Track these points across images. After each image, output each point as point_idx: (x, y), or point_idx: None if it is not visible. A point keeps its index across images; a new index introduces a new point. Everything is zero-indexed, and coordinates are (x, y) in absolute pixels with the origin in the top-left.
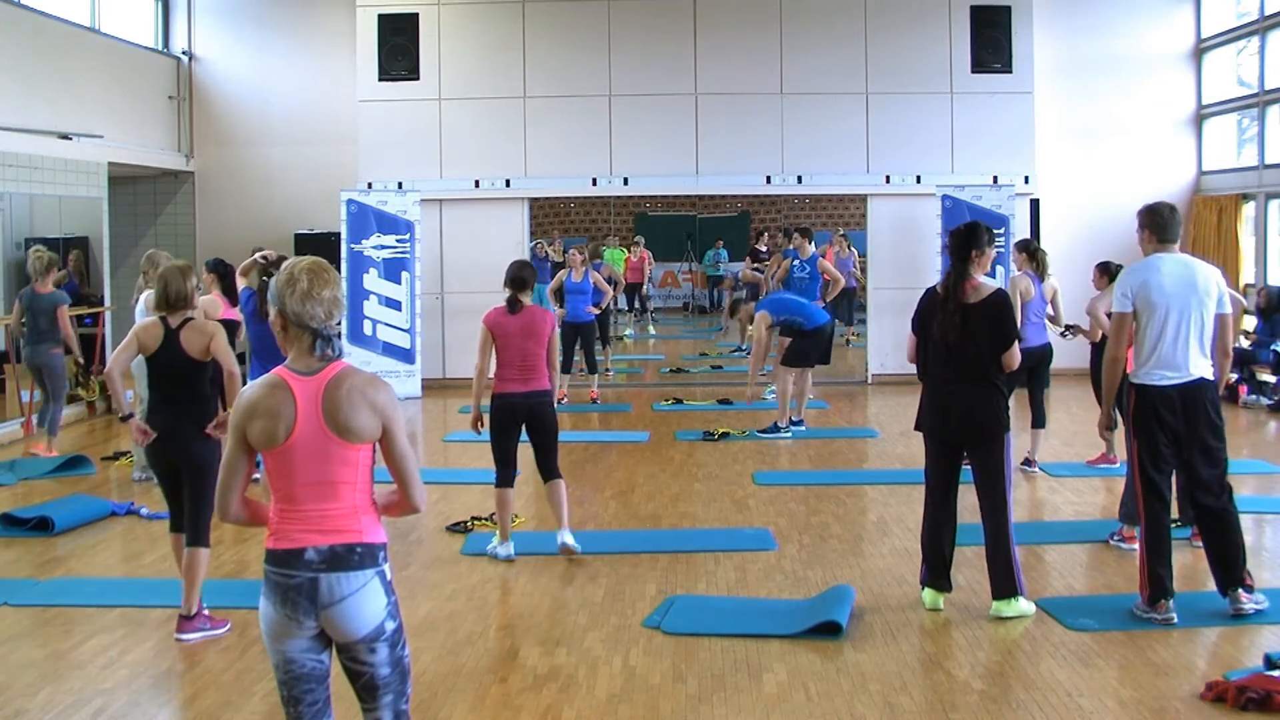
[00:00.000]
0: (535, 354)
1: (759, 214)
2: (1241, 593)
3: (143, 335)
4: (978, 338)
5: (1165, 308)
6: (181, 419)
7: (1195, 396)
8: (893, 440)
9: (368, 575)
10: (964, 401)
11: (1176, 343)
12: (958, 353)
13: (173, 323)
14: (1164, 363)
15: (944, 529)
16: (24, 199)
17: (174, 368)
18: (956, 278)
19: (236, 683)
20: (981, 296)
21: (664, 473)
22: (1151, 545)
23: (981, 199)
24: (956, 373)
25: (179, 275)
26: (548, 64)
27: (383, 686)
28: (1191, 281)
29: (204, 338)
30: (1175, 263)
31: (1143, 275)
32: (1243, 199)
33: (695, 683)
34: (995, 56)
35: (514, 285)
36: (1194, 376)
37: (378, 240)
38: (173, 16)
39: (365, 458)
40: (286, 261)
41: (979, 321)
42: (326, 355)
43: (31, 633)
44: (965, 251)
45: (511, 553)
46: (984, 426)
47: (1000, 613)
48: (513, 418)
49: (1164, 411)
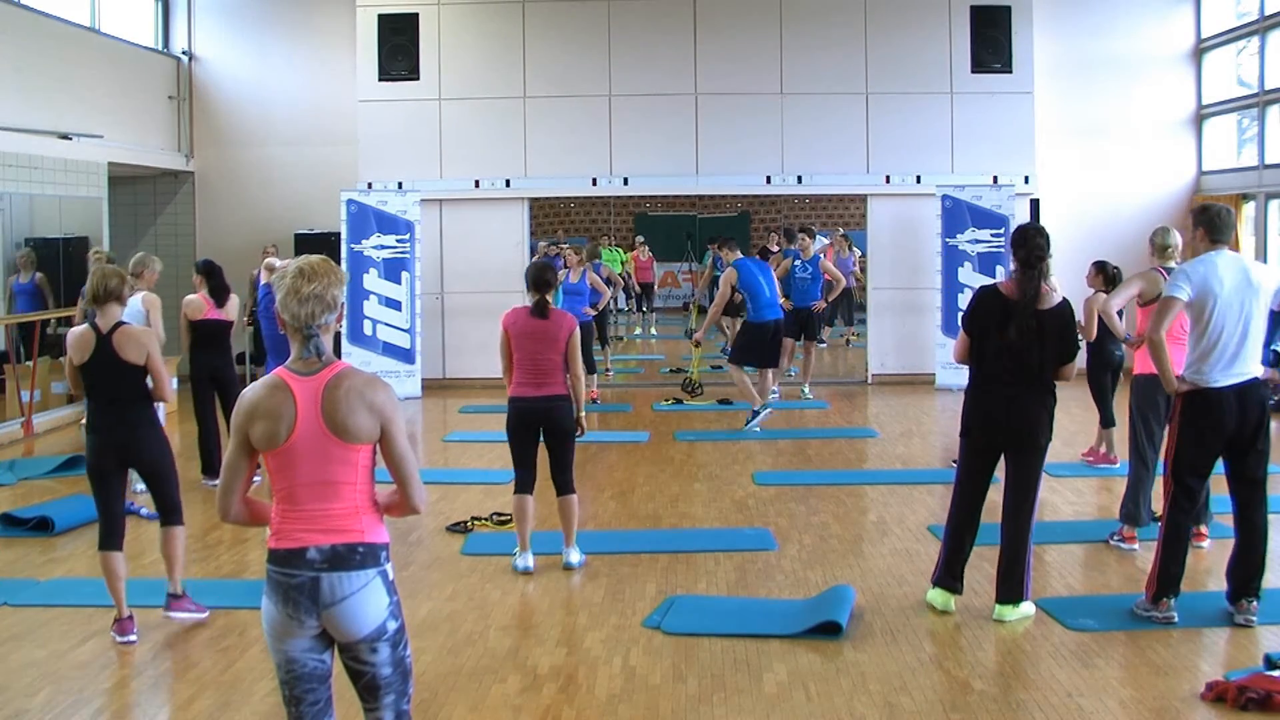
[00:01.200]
0: (550, 358)
1: (759, 214)
2: (1255, 604)
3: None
4: (1045, 344)
5: (1226, 305)
6: (125, 419)
7: (1253, 397)
8: (893, 440)
9: (369, 575)
10: (1021, 406)
11: (1234, 342)
12: (1024, 357)
13: (104, 327)
14: (1223, 362)
15: (968, 531)
16: (24, 199)
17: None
18: (1035, 283)
19: (236, 683)
20: (1053, 303)
21: (664, 473)
22: (1169, 544)
23: (981, 199)
24: (1018, 376)
25: (115, 275)
26: (548, 64)
27: (384, 687)
28: (1248, 280)
29: (139, 347)
30: (1232, 260)
31: (1204, 270)
32: (1243, 199)
33: (695, 683)
34: (995, 56)
35: (537, 288)
36: (1250, 376)
37: (378, 240)
38: (173, 16)
39: (366, 458)
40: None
41: (1049, 328)
42: (315, 356)
43: (31, 633)
44: (1041, 255)
45: (530, 564)
46: (1036, 432)
47: (1004, 617)
48: (529, 422)
49: (1220, 413)
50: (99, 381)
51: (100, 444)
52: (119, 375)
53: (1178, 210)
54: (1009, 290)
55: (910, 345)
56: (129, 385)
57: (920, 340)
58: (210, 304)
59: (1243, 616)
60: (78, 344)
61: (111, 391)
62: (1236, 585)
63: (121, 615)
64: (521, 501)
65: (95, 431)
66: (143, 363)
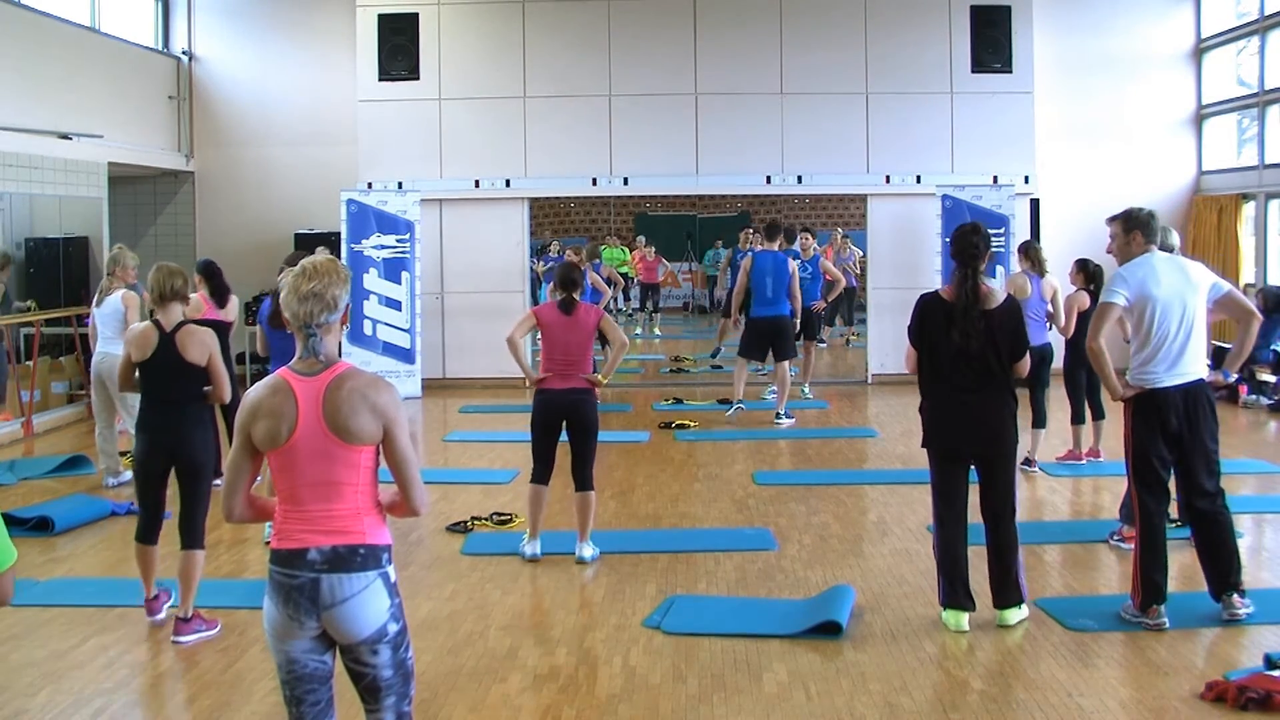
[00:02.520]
0: (579, 350)
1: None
2: (1236, 598)
3: (138, 342)
4: (997, 345)
5: (1166, 306)
6: (179, 419)
7: (1197, 397)
8: (893, 440)
9: (370, 577)
10: (981, 411)
11: (1177, 343)
12: (976, 361)
13: (166, 326)
14: (1168, 363)
15: (961, 545)
16: (24, 199)
17: (168, 371)
18: (974, 283)
19: (236, 683)
20: (997, 302)
21: (664, 473)
22: (1147, 550)
23: (981, 199)
24: (973, 381)
25: (179, 275)
26: (548, 64)
27: (385, 688)
28: (1186, 280)
29: (203, 348)
30: (1169, 261)
31: (1142, 273)
32: (1243, 199)
33: (695, 683)
34: (995, 56)
35: (564, 287)
36: (1195, 377)
37: (378, 240)
38: (173, 16)
39: (368, 459)
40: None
41: (998, 328)
42: (313, 355)
43: (31, 633)
44: (979, 253)
45: (538, 551)
46: (1001, 436)
47: (1006, 621)
48: (552, 414)
49: (1167, 413)
50: (156, 380)
51: (150, 443)
52: (179, 374)
53: (1178, 210)
54: (948, 294)
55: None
56: (186, 385)
57: None
58: (210, 304)
59: (1227, 612)
60: (139, 341)
61: (167, 391)
62: (1216, 580)
63: (149, 595)
64: (536, 491)
65: (146, 430)
66: (204, 363)
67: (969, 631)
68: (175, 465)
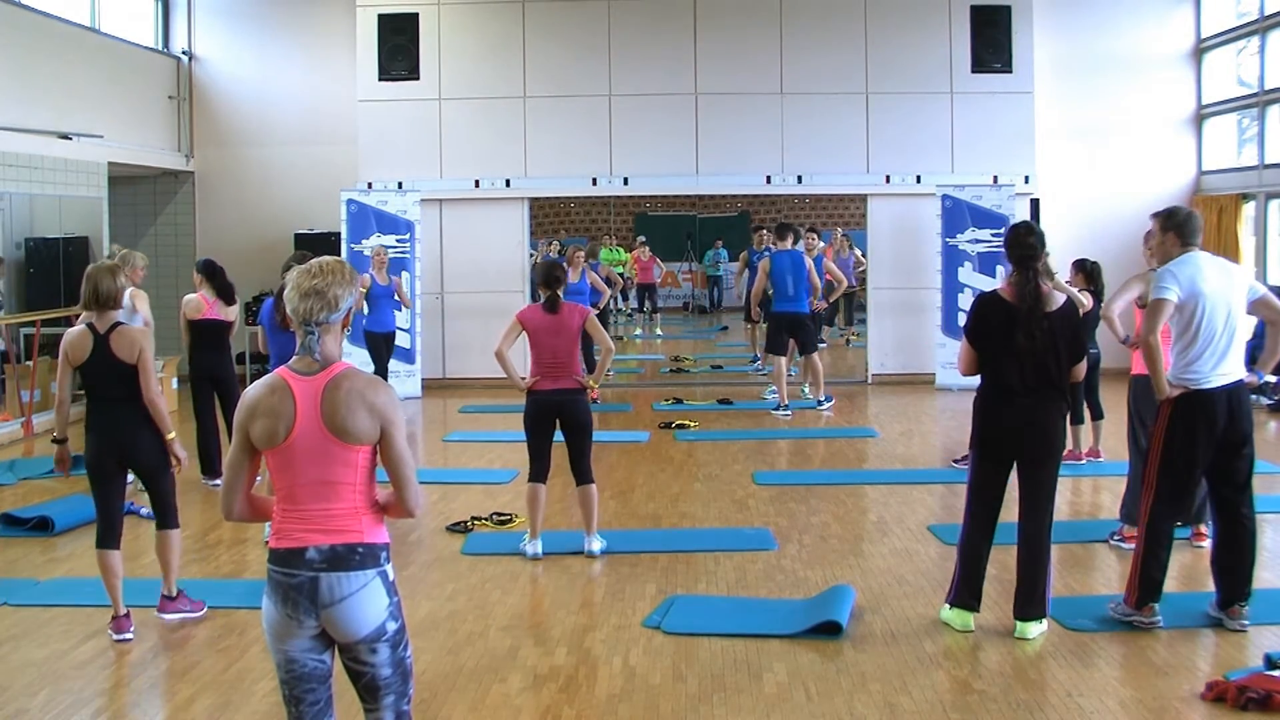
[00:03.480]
0: (566, 351)
1: (759, 214)
2: (1245, 608)
3: (70, 349)
4: (1057, 348)
5: (1213, 305)
6: (128, 422)
7: (1240, 398)
8: (893, 440)
9: (368, 576)
10: (1041, 418)
11: (1222, 342)
12: (1037, 364)
13: (100, 328)
14: (1214, 362)
15: (986, 548)
16: (24, 199)
17: (108, 373)
18: (1036, 284)
19: (236, 683)
20: (1057, 304)
21: (664, 473)
22: (1151, 548)
23: (981, 199)
24: (1033, 385)
25: (108, 275)
26: (548, 64)
27: (384, 687)
28: (1230, 279)
29: (133, 346)
30: (1214, 261)
31: (1190, 270)
32: (1243, 199)
33: (695, 683)
34: (995, 56)
35: (547, 284)
36: (1237, 377)
37: (378, 240)
38: (173, 16)
39: (366, 459)
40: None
41: (1059, 331)
42: (310, 355)
43: (31, 633)
44: (1034, 254)
45: (539, 551)
46: (1053, 440)
47: (1025, 634)
48: (545, 415)
49: (1214, 414)
50: (96, 381)
51: (98, 444)
52: (115, 375)
53: None
54: (1009, 295)
55: (910, 345)
56: (125, 385)
57: (920, 340)
58: (209, 304)
59: (1237, 622)
60: (75, 344)
61: (108, 391)
62: (1228, 590)
63: (118, 613)
64: (534, 490)
65: (92, 431)
66: (134, 362)
67: (974, 632)
68: (132, 468)
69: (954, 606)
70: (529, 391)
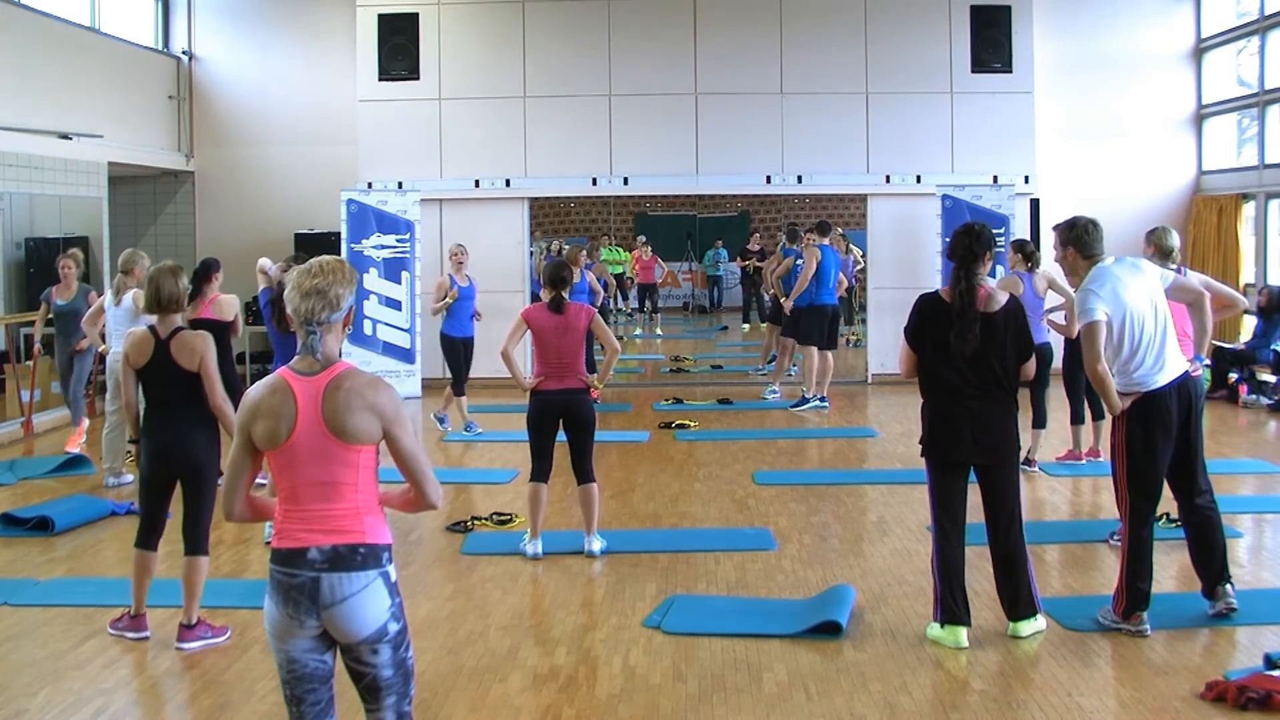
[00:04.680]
0: (571, 351)
1: (759, 214)
2: (1229, 588)
3: (131, 351)
4: (1000, 348)
5: (1140, 308)
6: (182, 425)
7: (1189, 392)
8: (893, 440)
9: (370, 576)
10: (984, 417)
11: (1157, 340)
12: (978, 365)
13: (163, 332)
14: (1157, 363)
15: (960, 557)
16: (24, 199)
17: (167, 378)
18: (969, 285)
19: (236, 683)
20: (999, 304)
21: (664, 473)
22: (1134, 557)
23: (981, 199)
24: (975, 387)
25: (169, 276)
26: (548, 64)
27: (385, 688)
28: (1146, 278)
29: (194, 354)
30: (1124, 264)
31: (1109, 283)
32: (1243, 199)
33: (695, 683)
34: (995, 56)
35: (555, 284)
36: (1183, 371)
37: (378, 240)
38: (173, 16)
39: (368, 459)
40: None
41: (1001, 331)
42: (311, 354)
43: (31, 633)
44: (976, 255)
45: (539, 550)
46: (1004, 443)
47: (1019, 633)
48: (550, 415)
49: (1168, 413)
50: (154, 385)
51: (151, 451)
52: (173, 380)
53: (1178, 210)
54: (948, 295)
55: None
56: (182, 389)
57: None
58: (208, 304)
59: (1223, 603)
60: (136, 347)
61: (165, 395)
62: (1209, 579)
63: (139, 612)
64: (536, 489)
65: (146, 435)
66: (195, 369)
67: (968, 648)
68: (177, 472)
69: (944, 625)
70: (533, 391)
